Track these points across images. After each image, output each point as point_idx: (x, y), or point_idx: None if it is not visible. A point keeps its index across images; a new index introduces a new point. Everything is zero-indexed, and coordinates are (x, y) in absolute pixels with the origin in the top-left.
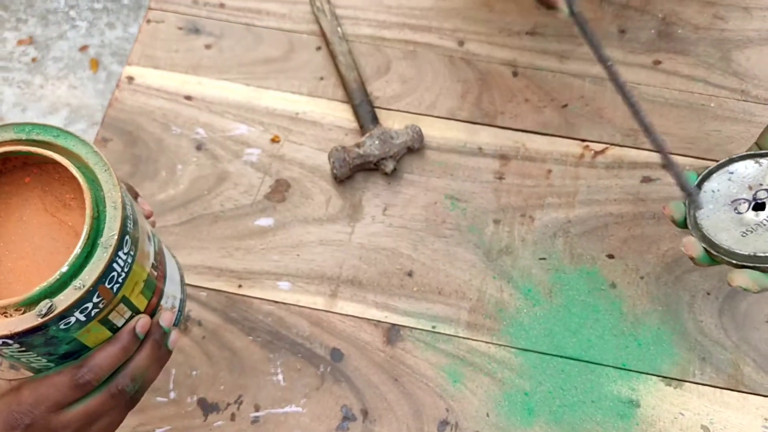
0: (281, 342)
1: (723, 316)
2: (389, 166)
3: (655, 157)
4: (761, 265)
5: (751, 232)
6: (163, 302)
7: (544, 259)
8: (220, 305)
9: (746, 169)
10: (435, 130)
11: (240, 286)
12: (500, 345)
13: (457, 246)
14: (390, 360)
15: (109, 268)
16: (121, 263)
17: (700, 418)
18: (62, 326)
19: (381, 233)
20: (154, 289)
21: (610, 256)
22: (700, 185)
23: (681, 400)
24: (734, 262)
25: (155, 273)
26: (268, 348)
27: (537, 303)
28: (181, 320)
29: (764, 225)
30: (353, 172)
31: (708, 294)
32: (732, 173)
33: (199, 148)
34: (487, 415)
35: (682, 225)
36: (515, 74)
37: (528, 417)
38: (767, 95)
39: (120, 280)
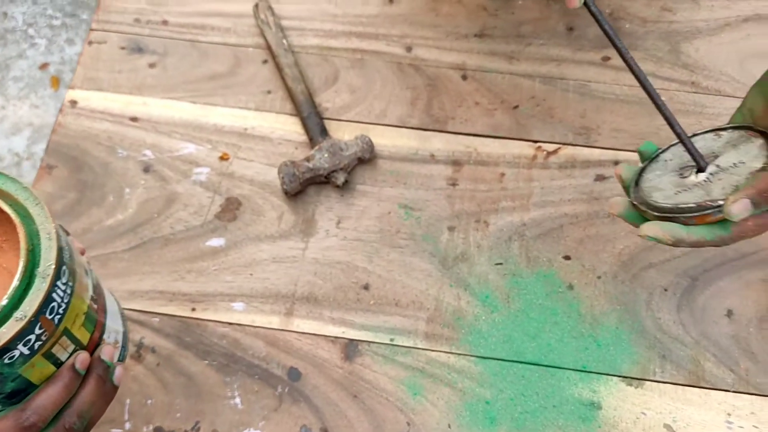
0: (237, 364)
1: (681, 312)
2: (340, 178)
3: (608, 155)
4: (680, 216)
5: (686, 190)
6: (105, 336)
7: (500, 264)
8: (173, 330)
9: (704, 141)
10: (386, 139)
11: (193, 309)
12: (459, 354)
13: (412, 256)
14: (348, 376)
15: (48, 298)
16: (61, 293)
17: (662, 417)
18: (6, 360)
19: (335, 247)
20: (95, 322)
21: (567, 258)
22: (657, 156)
23: (642, 400)
24: (655, 214)
25: (95, 306)
26: (224, 371)
27: (495, 309)
28: (126, 355)
29: (701, 185)
30: (304, 186)
31: (665, 290)
32: (670, 159)
33: (146, 170)
34: (449, 427)
35: (627, 188)
36: (464, 78)
37: (490, 426)
38: (717, 86)
39: (60, 311)
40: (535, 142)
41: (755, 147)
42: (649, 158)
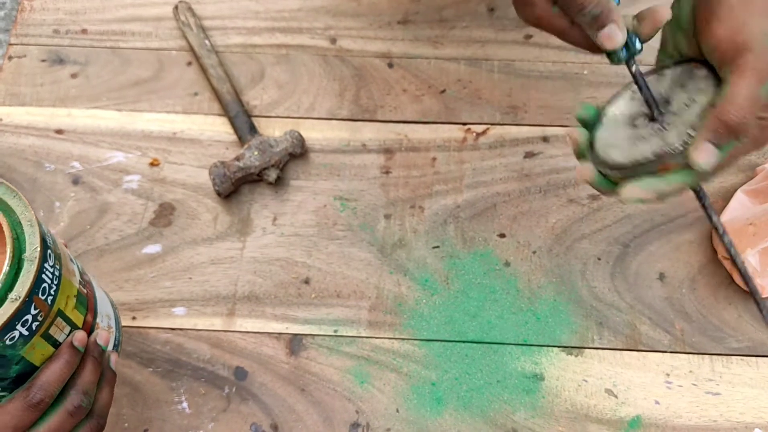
0: (182, 369)
1: (615, 279)
2: (272, 175)
3: (536, 132)
4: (642, 170)
5: (642, 139)
6: (98, 320)
7: (437, 247)
8: None
9: (649, 85)
10: (317, 132)
11: (134, 318)
12: (403, 339)
13: (351, 246)
14: (295, 371)
15: (39, 279)
16: (49, 275)
17: (603, 382)
18: (8, 342)
19: (273, 244)
20: (86, 305)
21: (502, 236)
22: (603, 113)
23: (583, 367)
24: (617, 174)
25: (84, 291)
26: (170, 377)
27: (435, 292)
28: (120, 340)
29: (656, 132)
30: (236, 186)
31: (599, 259)
32: (634, 92)
33: (75, 182)
34: (397, 411)
35: (582, 153)
36: (390, 66)
37: (437, 406)
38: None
39: (52, 291)
40: (464, 124)
41: (701, 80)
42: (591, 120)
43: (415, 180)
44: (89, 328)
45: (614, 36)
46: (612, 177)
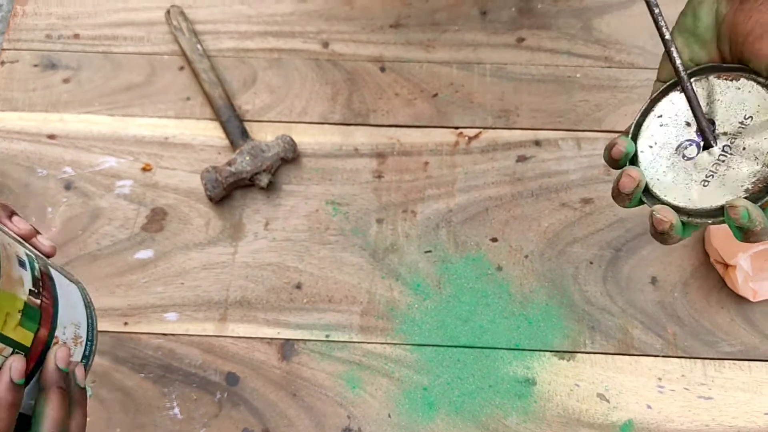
0: (174, 374)
1: (607, 283)
2: (264, 180)
3: (528, 135)
4: (714, 220)
5: (713, 175)
6: (59, 333)
7: (429, 251)
8: (106, 346)
9: (673, 104)
10: (309, 137)
11: (126, 323)
12: (395, 344)
13: (342, 251)
14: (287, 376)
15: None
16: None
17: (595, 387)
18: None
19: (265, 249)
20: (38, 319)
21: (494, 240)
22: (635, 143)
23: (575, 372)
24: (710, 221)
25: (37, 301)
26: (161, 383)
27: (427, 296)
28: (94, 350)
29: (722, 160)
30: (228, 191)
31: (591, 263)
32: (661, 116)
33: (68, 187)
34: (389, 416)
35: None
36: (383, 69)
37: (429, 411)
38: (630, 59)
39: None
40: (457, 128)
41: (745, 92)
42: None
43: (407, 184)
44: (43, 344)
45: None
46: (691, 222)
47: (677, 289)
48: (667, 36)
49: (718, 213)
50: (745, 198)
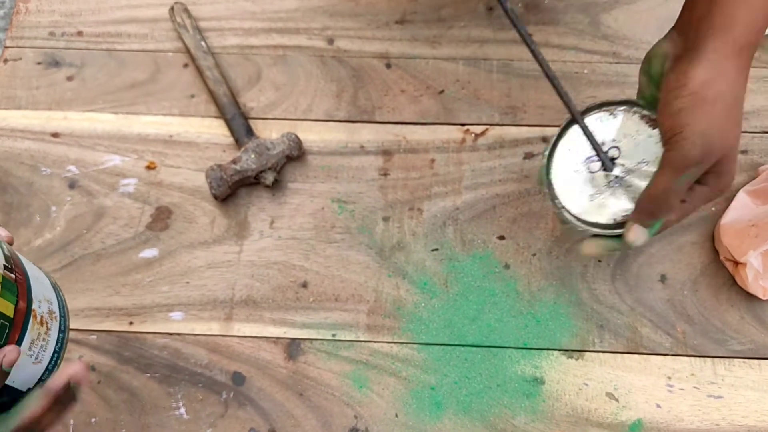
0: (180, 374)
1: (616, 281)
2: (269, 178)
3: (535, 132)
4: (605, 232)
5: (599, 195)
6: (36, 306)
7: (436, 249)
8: (112, 346)
9: (600, 122)
10: (314, 134)
11: (131, 323)
12: (402, 343)
13: (349, 249)
14: (293, 375)
15: None
16: None
17: (604, 386)
18: None
19: (270, 247)
20: (16, 291)
21: (501, 238)
22: (556, 144)
23: (584, 371)
24: (580, 228)
25: (12, 275)
26: (167, 382)
27: (434, 295)
28: (67, 325)
29: (612, 186)
30: (233, 189)
31: (599, 261)
32: (570, 146)
33: (72, 186)
34: (396, 416)
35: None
36: (388, 66)
37: (437, 411)
38: (638, 54)
39: None
40: (463, 125)
41: (654, 144)
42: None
43: (413, 182)
44: (23, 316)
45: None
46: (571, 224)
47: (687, 287)
48: (557, 81)
49: (591, 226)
50: (609, 224)
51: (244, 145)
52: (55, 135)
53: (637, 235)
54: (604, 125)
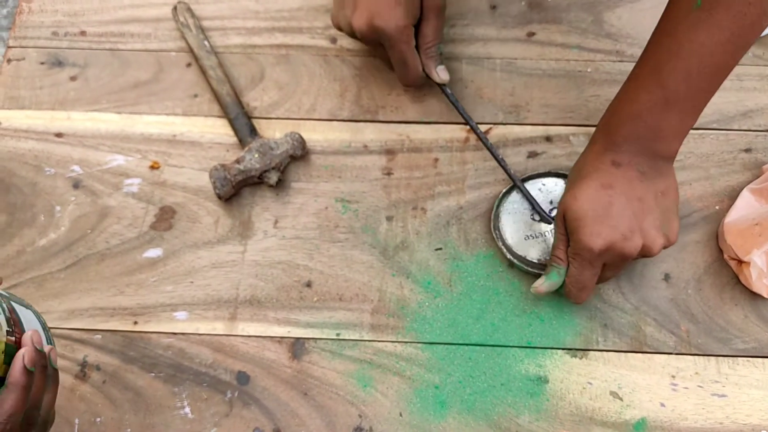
0: (184, 374)
1: (620, 280)
2: (273, 177)
3: (539, 131)
4: (527, 268)
5: (532, 238)
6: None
7: (440, 249)
8: (117, 346)
9: (555, 186)
10: (318, 134)
11: (135, 323)
12: (406, 342)
13: (352, 249)
14: (297, 375)
15: None
16: None
17: (608, 385)
18: None
19: (274, 247)
20: (14, 352)
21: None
22: (518, 185)
23: (587, 370)
24: (515, 261)
25: (12, 338)
26: (172, 382)
27: (438, 294)
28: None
29: (543, 236)
30: (237, 189)
31: None
32: (544, 185)
33: (76, 186)
34: (400, 415)
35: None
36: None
37: (441, 410)
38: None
39: None
40: (466, 124)
41: None
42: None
43: (417, 181)
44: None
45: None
46: (502, 250)
47: (690, 286)
48: (500, 156)
49: (522, 261)
50: (534, 263)
51: (248, 144)
52: (58, 135)
53: (539, 286)
54: (558, 190)
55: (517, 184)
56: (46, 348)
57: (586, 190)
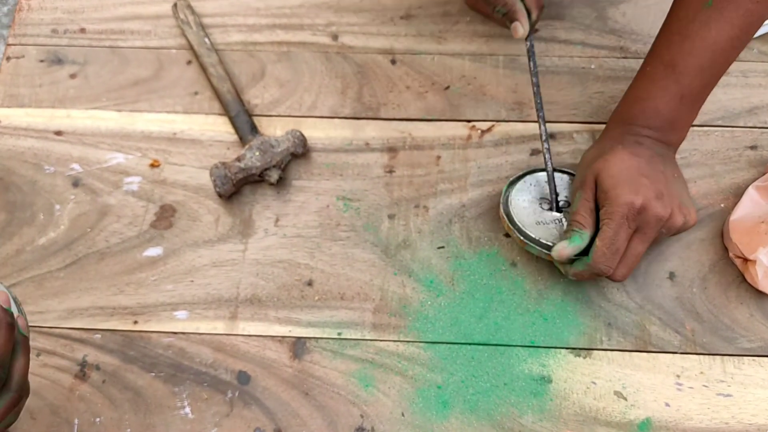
0: (185, 373)
1: None
2: (273, 175)
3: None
4: (539, 248)
5: (543, 224)
6: None
7: (442, 247)
8: (116, 345)
9: (561, 180)
10: (319, 131)
11: (135, 322)
12: (408, 341)
13: (354, 247)
14: (298, 374)
15: None
16: None
17: (612, 385)
18: None
19: (275, 246)
20: None
21: (508, 235)
22: (522, 177)
23: (591, 369)
24: (526, 242)
25: None
26: (172, 382)
27: (440, 293)
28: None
29: (555, 223)
30: (238, 187)
31: None
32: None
33: (75, 184)
34: (402, 415)
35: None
36: (393, 62)
37: (443, 410)
38: (646, 49)
39: None
40: (469, 121)
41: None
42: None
43: (419, 179)
44: None
45: (518, 29)
46: (511, 232)
47: (695, 284)
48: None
49: (535, 243)
50: (547, 244)
51: (249, 142)
52: (58, 133)
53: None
54: (565, 184)
55: (548, 171)
56: (15, 314)
57: (618, 154)
